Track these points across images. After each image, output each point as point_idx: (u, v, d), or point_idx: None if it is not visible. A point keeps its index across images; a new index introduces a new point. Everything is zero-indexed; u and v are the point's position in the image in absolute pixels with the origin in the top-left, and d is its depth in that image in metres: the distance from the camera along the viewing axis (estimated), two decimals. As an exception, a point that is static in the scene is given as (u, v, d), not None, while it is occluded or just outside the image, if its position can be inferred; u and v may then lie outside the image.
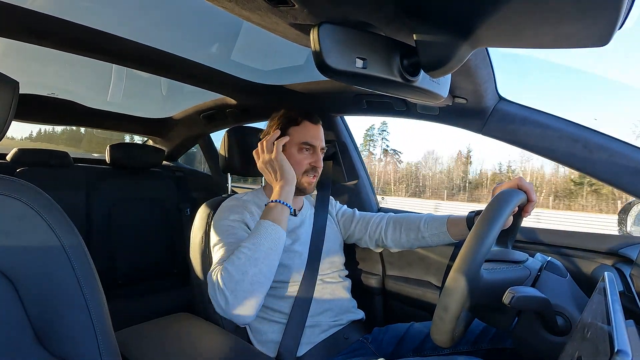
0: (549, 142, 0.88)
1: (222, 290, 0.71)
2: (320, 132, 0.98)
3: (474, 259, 0.55)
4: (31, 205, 0.54)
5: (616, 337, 0.33)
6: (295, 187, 0.93)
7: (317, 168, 0.96)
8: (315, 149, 0.96)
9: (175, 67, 1.16)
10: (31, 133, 11.36)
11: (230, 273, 0.71)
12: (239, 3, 0.48)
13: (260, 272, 0.73)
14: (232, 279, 0.71)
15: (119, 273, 1.75)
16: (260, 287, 0.73)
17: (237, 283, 0.70)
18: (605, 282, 0.51)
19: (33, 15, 0.83)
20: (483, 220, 0.58)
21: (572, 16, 0.32)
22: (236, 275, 0.71)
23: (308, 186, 0.96)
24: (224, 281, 0.71)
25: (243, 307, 0.71)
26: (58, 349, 0.54)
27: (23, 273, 0.52)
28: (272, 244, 0.76)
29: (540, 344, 0.58)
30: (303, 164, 0.94)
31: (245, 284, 0.71)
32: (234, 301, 0.70)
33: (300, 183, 0.95)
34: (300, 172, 0.94)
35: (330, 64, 0.42)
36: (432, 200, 28.18)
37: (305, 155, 0.95)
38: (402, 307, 1.22)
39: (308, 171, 0.95)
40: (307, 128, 0.95)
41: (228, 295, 0.70)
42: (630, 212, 0.92)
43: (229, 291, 0.70)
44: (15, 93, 0.54)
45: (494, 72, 0.81)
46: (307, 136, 0.95)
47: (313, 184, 0.97)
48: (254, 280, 0.72)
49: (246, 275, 0.71)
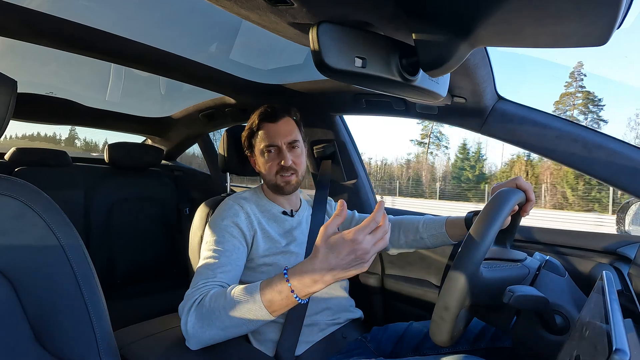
0: (548, 141, 0.88)
1: (185, 323, 0.71)
2: (283, 127, 0.93)
3: (472, 258, 0.55)
4: (30, 204, 0.54)
5: (614, 336, 0.34)
6: (273, 188, 0.95)
7: (287, 166, 0.91)
8: (279, 147, 0.93)
9: (174, 66, 1.16)
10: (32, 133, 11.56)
11: (199, 317, 0.70)
12: (238, 2, 0.48)
13: (225, 336, 0.70)
14: (199, 322, 0.70)
15: (118, 273, 1.75)
16: (217, 340, 0.71)
17: (202, 327, 0.69)
18: (603, 281, 0.52)
19: (31, 14, 0.83)
20: (482, 219, 0.58)
21: (571, 15, 0.32)
22: (203, 324, 0.69)
23: (285, 185, 0.94)
24: (192, 320, 0.70)
25: (197, 341, 0.71)
26: (57, 348, 0.54)
27: (22, 273, 0.52)
28: (250, 326, 0.68)
29: (539, 343, 0.59)
30: (272, 166, 0.93)
31: (207, 332, 0.69)
32: (193, 332, 0.70)
33: (277, 185, 0.94)
34: (273, 175, 0.93)
35: (329, 63, 0.42)
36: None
37: (271, 156, 0.93)
38: (401, 306, 1.22)
39: (279, 171, 0.93)
40: (266, 130, 0.93)
41: (189, 330, 0.70)
42: (629, 211, 0.93)
43: (192, 329, 0.70)
44: (14, 92, 0.54)
45: (492, 71, 0.81)
46: (266, 139, 0.93)
47: (291, 182, 0.94)
48: (214, 338, 0.71)
49: (210, 330, 0.69)
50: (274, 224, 0.95)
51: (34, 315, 0.53)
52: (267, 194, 1.00)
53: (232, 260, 0.81)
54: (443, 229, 0.92)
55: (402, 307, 1.22)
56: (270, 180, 0.95)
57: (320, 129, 1.37)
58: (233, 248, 0.83)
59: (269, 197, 1.00)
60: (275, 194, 0.99)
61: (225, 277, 0.77)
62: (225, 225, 0.86)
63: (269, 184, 0.97)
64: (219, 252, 0.81)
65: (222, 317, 0.67)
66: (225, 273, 0.78)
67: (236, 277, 0.81)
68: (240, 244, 0.85)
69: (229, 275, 0.78)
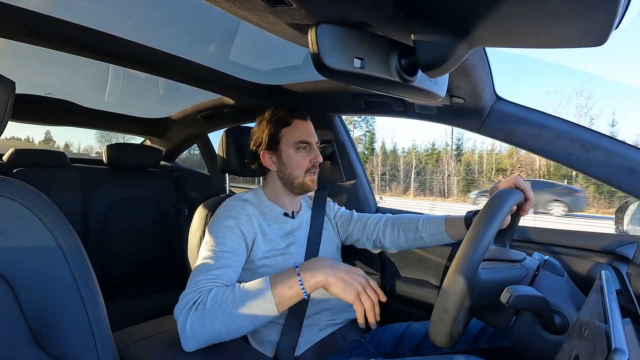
0: (547, 141, 0.89)
1: (184, 323, 0.69)
2: (311, 127, 0.98)
3: (471, 258, 0.55)
4: (28, 205, 0.54)
5: (613, 336, 0.34)
6: (298, 186, 0.95)
7: (317, 164, 0.97)
8: (311, 145, 0.96)
9: (173, 66, 1.16)
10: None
11: (201, 316, 0.69)
12: (236, 3, 0.48)
13: (227, 334, 0.70)
14: (200, 321, 0.69)
15: (117, 274, 1.74)
16: (218, 339, 0.70)
17: (204, 325, 0.68)
18: (602, 281, 0.52)
19: (30, 14, 0.83)
20: (480, 220, 0.58)
21: (569, 16, 0.33)
22: (205, 322, 0.68)
23: (311, 184, 0.97)
24: (192, 319, 0.69)
25: (195, 341, 0.69)
26: (55, 349, 0.53)
27: (20, 273, 0.52)
28: (255, 322, 0.69)
29: (538, 343, 0.59)
30: (304, 163, 0.95)
31: (209, 329, 0.68)
32: (192, 332, 0.69)
33: (305, 183, 0.95)
34: (303, 172, 0.95)
35: (328, 64, 0.42)
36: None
37: (304, 154, 0.95)
38: (400, 307, 1.22)
39: (310, 169, 0.95)
40: (298, 126, 0.95)
41: (188, 329, 0.69)
42: (627, 211, 0.93)
43: (191, 329, 0.68)
44: (12, 93, 0.54)
45: (491, 71, 0.81)
46: (301, 134, 0.94)
47: (315, 180, 0.98)
48: (217, 335, 0.69)
49: (214, 326, 0.68)
50: (275, 225, 0.95)
51: (32, 316, 0.53)
52: (268, 196, 1.00)
53: (231, 262, 0.80)
54: (442, 228, 0.92)
55: (401, 308, 1.22)
56: (297, 177, 0.95)
57: (319, 129, 1.37)
58: (232, 249, 0.82)
59: (270, 198, 0.99)
60: (288, 193, 0.99)
61: (223, 278, 0.77)
62: (226, 226, 0.86)
63: (293, 181, 0.95)
64: (218, 253, 0.80)
65: (230, 311, 0.67)
66: (224, 274, 0.77)
67: (234, 278, 0.80)
68: (240, 246, 0.85)
69: (227, 276, 0.78)
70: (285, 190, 0.98)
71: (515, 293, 0.52)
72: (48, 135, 28.18)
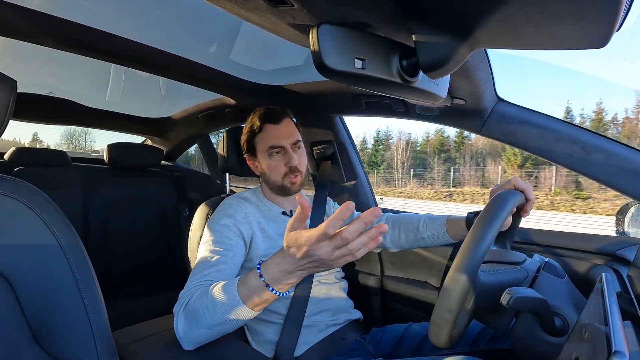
0: (548, 143, 0.89)
1: (177, 323, 0.70)
2: (286, 129, 0.93)
3: (472, 260, 0.55)
4: (28, 204, 0.54)
5: (613, 338, 0.34)
6: (280, 189, 0.94)
7: (294, 167, 0.92)
8: (284, 148, 0.92)
9: (174, 66, 1.16)
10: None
11: (187, 317, 0.69)
12: (238, 3, 0.48)
13: (213, 335, 0.69)
14: (187, 322, 0.69)
15: (117, 273, 1.75)
16: (207, 339, 0.70)
17: (190, 327, 0.69)
18: (602, 283, 0.52)
19: (31, 14, 0.83)
20: (481, 221, 0.58)
21: (571, 18, 0.33)
22: (190, 323, 0.69)
23: (292, 186, 0.94)
24: (181, 319, 0.70)
25: (189, 341, 0.70)
26: (55, 349, 0.53)
27: (20, 272, 0.52)
28: (235, 323, 0.67)
29: (538, 345, 0.58)
30: (279, 168, 0.92)
31: (195, 331, 0.69)
32: (183, 333, 0.69)
33: (285, 186, 0.93)
34: (281, 177, 0.93)
35: (329, 65, 0.42)
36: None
37: (278, 158, 0.92)
38: (400, 308, 1.22)
39: (287, 173, 0.93)
40: (269, 131, 0.92)
41: (180, 329, 0.69)
42: (628, 213, 0.93)
43: (182, 330, 0.69)
44: (13, 92, 0.54)
45: (492, 73, 0.81)
46: (271, 139, 0.92)
47: (297, 182, 0.94)
48: (203, 336, 0.69)
49: (197, 328, 0.68)
50: (274, 224, 0.95)
51: (32, 315, 0.53)
52: (266, 195, 1.00)
53: (228, 260, 0.80)
54: (443, 229, 0.92)
55: (401, 309, 1.21)
56: (276, 182, 0.94)
57: (319, 130, 1.37)
58: (230, 248, 0.82)
59: (268, 197, 0.99)
60: (278, 195, 0.98)
61: (218, 277, 0.76)
62: (223, 224, 0.86)
63: (273, 185, 0.95)
64: (215, 252, 0.80)
65: (207, 316, 0.66)
66: (220, 272, 0.77)
67: (231, 277, 0.79)
68: (238, 243, 0.84)
69: (222, 275, 0.77)
70: (274, 192, 0.98)
71: (515, 295, 0.52)
72: (35, 136, 28.18)
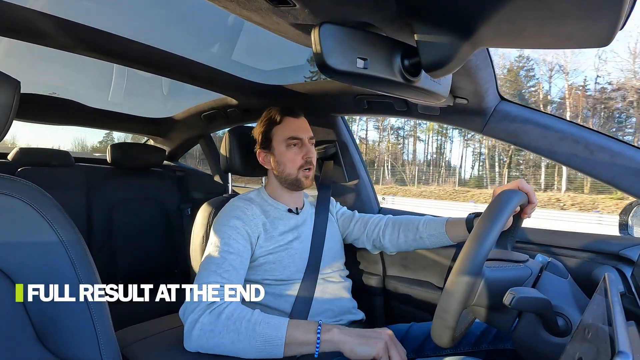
0: (551, 142, 0.88)
1: (194, 322, 0.70)
2: (304, 124, 0.98)
3: (474, 259, 0.54)
4: (32, 204, 0.54)
5: (617, 339, 0.33)
6: (292, 183, 0.95)
7: (310, 160, 0.95)
8: (303, 140, 0.95)
9: (177, 67, 1.16)
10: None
11: (213, 323, 0.70)
12: (240, 3, 0.48)
13: (229, 351, 0.70)
14: (210, 327, 0.70)
15: (120, 273, 1.75)
16: (219, 352, 0.71)
17: (212, 332, 0.70)
18: (606, 283, 0.51)
19: (35, 15, 0.83)
20: (484, 220, 0.58)
21: (573, 17, 0.32)
22: (214, 329, 0.70)
23: (305, 180, 0.96)
24: (204, 321, 0.70)
25: (198, 344, 0.70)
26: (58, 348, 0.54)
27: (24, 271, 0.52)
28: (256, 353, 0.69)
29: (541, 345, 0.58)
30: (296, 160, 0.94)
31: (214, 339, 0.70)
32: (199, 335, 0.70)
33: (298, 179, 0.95)
34: (296, 169, 0.95)
35: (331, 64, 0.42)
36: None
37: (295, 150, 0.95)
38: (402, 308, 1.22)
39: (303, 166, 0.95)
40: (289, 123, 0.95)
41: (197, 329, 0.70)
42: (632, 213, 0.92)
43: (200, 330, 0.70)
44: (17, 92, 0.55)
45: (495, 72, 0.81)
46: (290, 130, 0.94)
47: (310, 177, 0.97)
48: (220, 347, 0.70)
49: (221, 337, 0.69)
50: (279, 222, 0.95)
51: (35, 314, 0.53)
52: (271, 194, 1.00)
53: (239, 261, 0.82)
54: (443, 230, 0.92)
55: (403, 309, 1.21)
56: (291, 174, 0.95)
57: (321, 129, 1.37)
58: (238, 251, 0.84)
59: (273, 196, 1.00)
60: (286, 190, 0.99)
61: (234, 278, 0.79)
62: (231, 226, 0.87)
63: (286, 178, 0.96)
64: (226, 253, 0.82)
65: (240, 330, 0.68)
66: (235, 274, 0.80)
67: (242, 278, 0.83)
68: (245, 247, 0.86)
69: (237, 277, 0.80)
70: (283, 188, 0.99)
71: (518, 295, 0.52)
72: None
